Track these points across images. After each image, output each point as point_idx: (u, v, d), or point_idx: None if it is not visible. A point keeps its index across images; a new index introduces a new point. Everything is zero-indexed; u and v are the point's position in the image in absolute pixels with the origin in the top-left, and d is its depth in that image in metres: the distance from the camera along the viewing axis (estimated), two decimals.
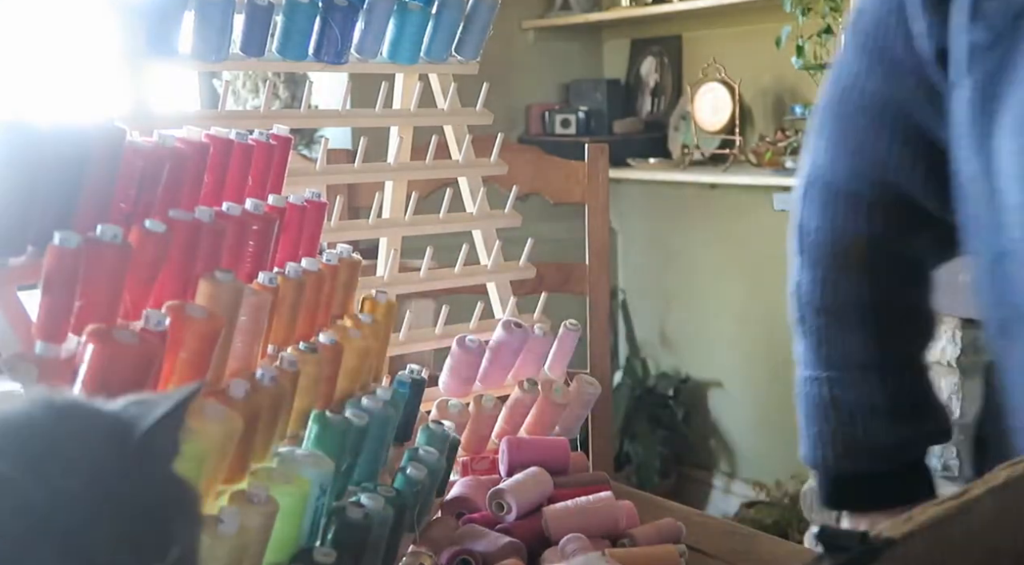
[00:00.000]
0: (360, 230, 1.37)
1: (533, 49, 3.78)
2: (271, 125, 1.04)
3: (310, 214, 1.02)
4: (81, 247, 0.72)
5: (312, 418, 0.88)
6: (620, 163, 3.43)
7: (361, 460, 0.92)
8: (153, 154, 0.84)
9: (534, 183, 1.90)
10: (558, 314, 1.32)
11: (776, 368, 3.32)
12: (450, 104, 1.37)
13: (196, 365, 0.77)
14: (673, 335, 3.74)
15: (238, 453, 0.78)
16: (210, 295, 0.81)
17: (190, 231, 0.82)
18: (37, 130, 0.75)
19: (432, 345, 1.31)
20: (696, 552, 1.06)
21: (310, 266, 0.95)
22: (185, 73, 2.93)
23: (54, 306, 0.72)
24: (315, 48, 1.22)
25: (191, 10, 1.12)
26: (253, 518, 0.74)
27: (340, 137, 3.08)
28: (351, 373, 0.99)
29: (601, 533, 1.04)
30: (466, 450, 1.18)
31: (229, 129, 0.96)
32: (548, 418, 1.22)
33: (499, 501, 1.07)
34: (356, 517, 0.84)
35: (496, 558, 0.98)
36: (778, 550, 1.09)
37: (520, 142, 3.55)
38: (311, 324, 0.97)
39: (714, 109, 3.37)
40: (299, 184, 1.12)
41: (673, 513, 1.13)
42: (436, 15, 1.30)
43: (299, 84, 3.00)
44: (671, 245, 3.69)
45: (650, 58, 3.73)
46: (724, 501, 3.59)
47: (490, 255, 1.37)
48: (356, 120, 1.41)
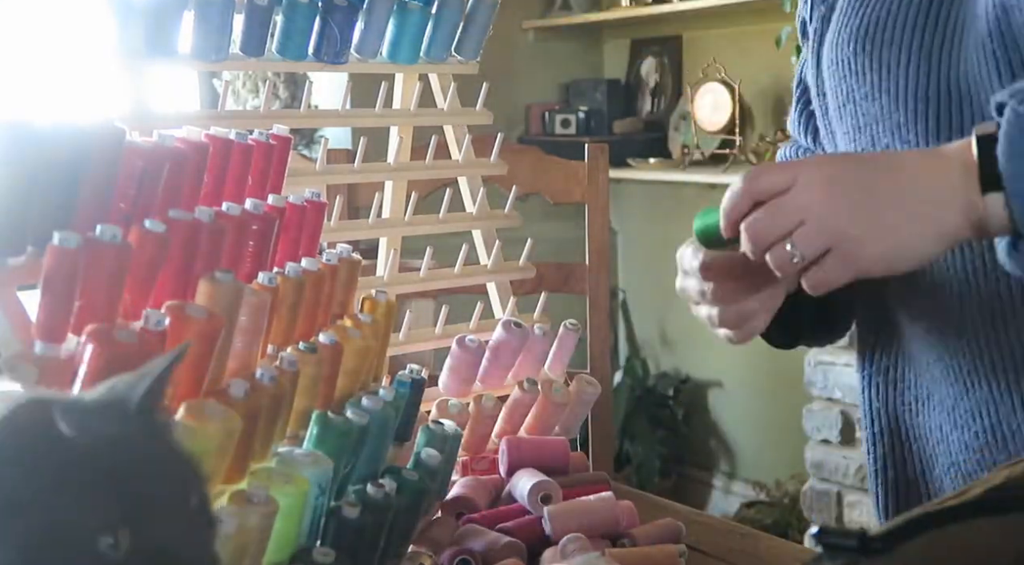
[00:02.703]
0: (360, 230, 1.37)
1: (533, 49, 3.78)
2: (271, 125, 1.04)
3: (310, 214, 1.02)
4: (81, 247, 0.72)
5: (313, 419, 0.88)
6: (620, 163, 3.43)
7: (361, 460, 0.92)
8: (153, 154, 0.84)
9: (534, 183, 1.90)
10: (558, 314, 1.32)
11: (776, 368, 3.32)
12: (450, 104, 1.37)
13: (196, 365, 0.77)
14: (673, 335, 3.74)
15: (238, 453, 0.78)
16: (210, 295, 0.81)
17: (190, 231, 0.82)
18: (37, 130, 0.75)
19: (432, 345, 1.31)
20: (696, 552, 1.06)
21: (310, 266, 0.95)
22: (185, 73, 2.93)
23: (54, 306, 0.72)
24: (315, 48, 1.22)
25: (191, 10, 1.12)
26: (253, 518, 0.74)
27: (340, 137, 3.08)
28: (351, 373, 0.99)
29: (601, 533, 1.04)
30: (466, 450, 1.18)
31: (229, 129, 0.96)
32: (548, 418, 1.22)
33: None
34: (352, 516, 0.85)
35: (496, 558, 0.98)
36: (778, 550, 1.09)
37: (520, 142, 3.55)
38: (311, 324, 0.97)
39: (714, 109, 3.37)
40: (299, 184, 1.12)
41: (673, 513, 1.13)
42: (436, 15, 1.30)
43: (299, 84, 3.00)
44: (671, 245, 3.68)
45: (650, 58, 3.73)
46: (724, 501, 3.59)
47: (490, 255, 1.37)
48: (356, 120, 1.41)
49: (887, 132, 0.98)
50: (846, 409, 2.81)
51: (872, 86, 0.99)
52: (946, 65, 0.93)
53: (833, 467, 2.86)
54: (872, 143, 1.00)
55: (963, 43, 0.92)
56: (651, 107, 3.74)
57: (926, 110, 0.94)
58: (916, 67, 0.95)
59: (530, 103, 3.76)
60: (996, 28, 0.88)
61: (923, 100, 0.94)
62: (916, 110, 0.95)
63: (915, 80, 0.95)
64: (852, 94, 1.02)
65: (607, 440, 1.86)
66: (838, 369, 2.80)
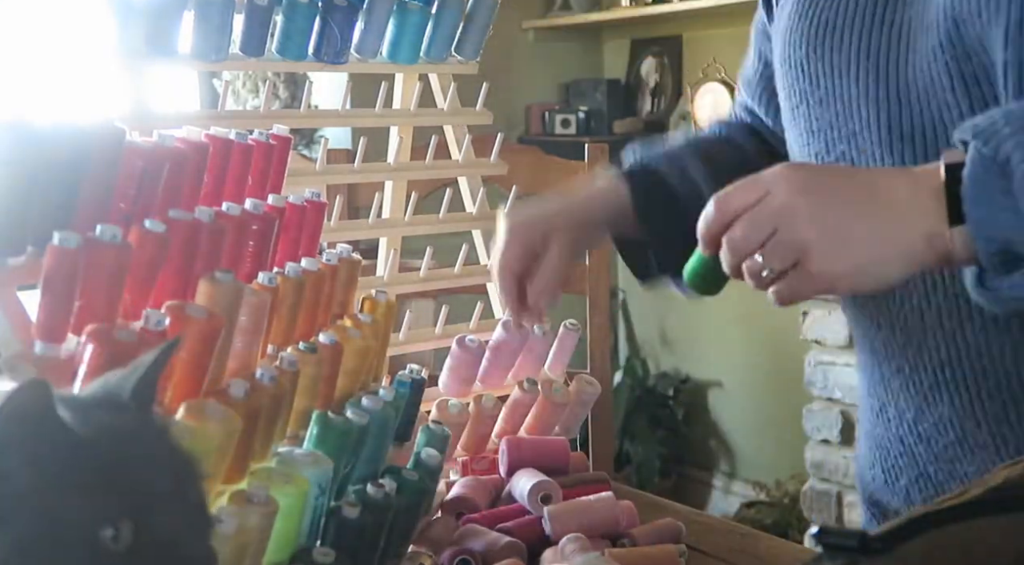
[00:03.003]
0: (360, 230, 1.37)
1: (533, 49, 3.78)
2: (271, 125, 1.04)
3: (310, 214, 1.02)
4: (81, 247, 0.72)
5: (313, 419, 0.88)
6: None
7: (361, 460, 0.92)
8: (153, 154, 0.84)
9: (534, 183, 1.90)
10: (558, 314, 1.32)
11: (776, 368, 3.32)
12: (450, 104, 1.37)
13: (196, 365, 0.77)
14: (673, 335, 3.74)
15: (238, 453, 0.78)
16: (210, 295, 0.81)
17: (190, 231, 0.82)
18: (37, 130, 0.75)
19: (432, 345, 1.31)
20: (696, 552, 1.06)
21: (310, 266, 0.95)
22: (185, 73, 2.93)
23: (54, 306, 0.72)
24: (315, 48, 1.22)
25: (191, 10, 1.12)
26: (253, 518, 0.74)
27: (340, 137, 3.08)
28: (351, 373, 0.99)
29: (601, 533, 1.04)
30: (466, 450, 1.18)
31: (229, 129, 0.96)
32: (548, 418, 1.22)
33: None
34: (352, 516, 0.85)
35: (496, 558, 0.98)
36: (778, 550, 1.09)
37: (520, 142, 3.55)
38: (311, 324, 0.97)
39: (714, 109, 3.37)
40: (299, 184, 1.12)
41: (673, 513, 1.13)
42: (436, 15, 1.30)
43: (299, 84, 3.00)
44: None
45: (650, 58, 3.73)
46: (724, 501, 3.59)
47: (490, 255, 1.36)
48: (356, 120, 1.41)
49: (842, 139, 0.97)
50: (846, 409, 2.81)
51: (826, 91, 0.98)
52: (894, 70, 0.92)
53: (833, 467, 2.86)
54: (827, 149, 0.99)
55: (911, 47, 0.91)
56: (651, 107, 3.74)
57: (878, 117, 0.93)
58: (867, 72, 0.94)
59: (530, 103, 3.76)
60: (947, 40, 0.87)
61: (874, 106, 0.93)
62: (869, 118, 0.94)
63: (866, 86, 0.94)
64: (806, 96, 1.01)
65: (607, 440, 1.86)
66: (838, 369, 2.80)
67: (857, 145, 0.96)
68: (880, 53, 0.94)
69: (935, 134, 0.89)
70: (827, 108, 0.98)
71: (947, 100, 0.88)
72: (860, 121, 0.95)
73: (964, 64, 0.87)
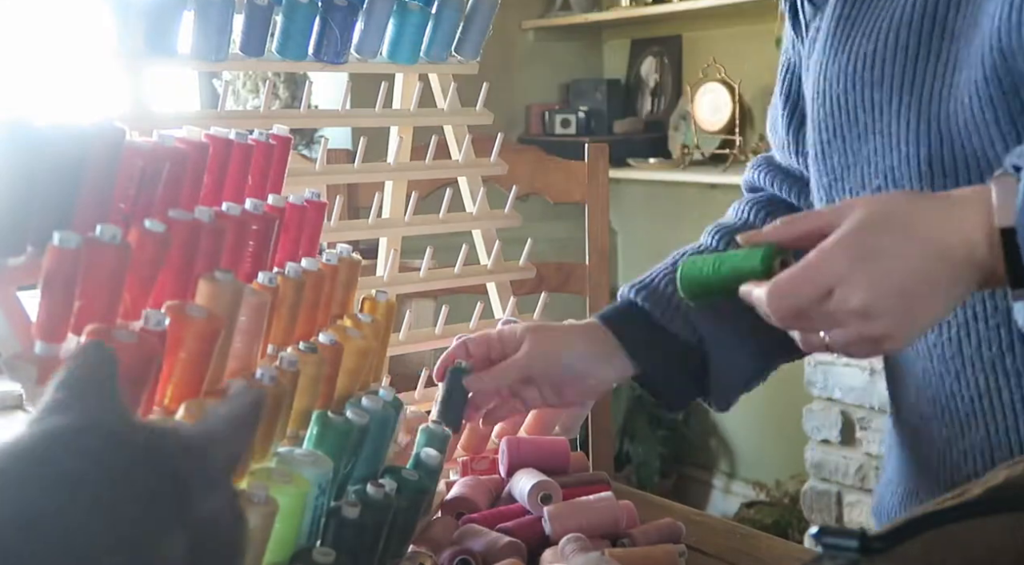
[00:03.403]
0: (360, 230, 1.37)
1: (533, 49, 3.78)
2: (271, 125, 1.04)
3: (310, 214, 1.02)
4: (80, 247, 0.72)
5: (314, 419, 0.88)
6: (620, 163, 3.43)
7: (361, 460, 0.92)
8: (152, 154, 0.83)
9: (534, 183, 1.90)
10: (558, 314, 1.32)
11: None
12: (450, 104, 1.37)
13: (196, 365, 0.77)
14: None
15: None
16: (210, 295, 0.81)
17: (190, 231, 0.82)
18: (36, 130, 0.75)
19: (432, 345, 1.31)
20: (696, 552, 1.06)
21: (310, 266, 0.95)
22: (185, 73, 2.93)
23: (54, 306, 0.72)
24: (315, 48, 1.22)
25: (190, 10, 1.12)
26: (252, 518, 0.74)
27: (340, 137, 3.08)
28: (351, 373, 0.99)
29: (601, 533, 1.03)
30: (466, 450, 1.18)
31: (229, 129, 0.96)
32: (548, 418, 1.22)
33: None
34: (352, 516, 0.84)
35: (496, 558, 0.98)
36: (778, 550, 1.09)
37: (520, 142, 3.55)
38: (311, 324, 0.97)
39: (714, 109, 3.37)
40: (299, 184, 1.12)
41: (673, 513, 1.13)
42: (436, 15, 1.30)
43: (299, 84, 3.00)
44: (671, 245, 3.67)
45: (650, 58, 3.73)
46: (724, 501, 3.59)
47: (490, 255, 1.37)
48: (356, 120, 1.41)
49: (879, 173, 0.96)
50: (846, 409, 2.81)
51: (864, 127, 0.97)
52: (936, 105, 0.91)
53: (833, 467, 2.86)
54: (862, 184, 0.98)
55: (954, 82, 0.90)
56: (651, 107, 3.74)
57: (918, 152, 0.92)
58: (908, 107, 0.93)
59: (530, 103, 3.76)
60: (994, 74, 0.86)
61: (914, 143, 0.92)
62: (908, 153, 0.93)
63: (907, 120, 0.93)
64: (841, 131, 0.99)
65: (607, 440, 1.86)
66: (838, 369, 2.80)
67: (895, 179, 0.94)
68: (924, 87, 0.92)
69: (978, 168, 0.88)
70: (865, 143, 0.97)
71: (991, 134, 0.87)
72: (899, 156, 0.94)
73: (1012, 99, 0.86)
